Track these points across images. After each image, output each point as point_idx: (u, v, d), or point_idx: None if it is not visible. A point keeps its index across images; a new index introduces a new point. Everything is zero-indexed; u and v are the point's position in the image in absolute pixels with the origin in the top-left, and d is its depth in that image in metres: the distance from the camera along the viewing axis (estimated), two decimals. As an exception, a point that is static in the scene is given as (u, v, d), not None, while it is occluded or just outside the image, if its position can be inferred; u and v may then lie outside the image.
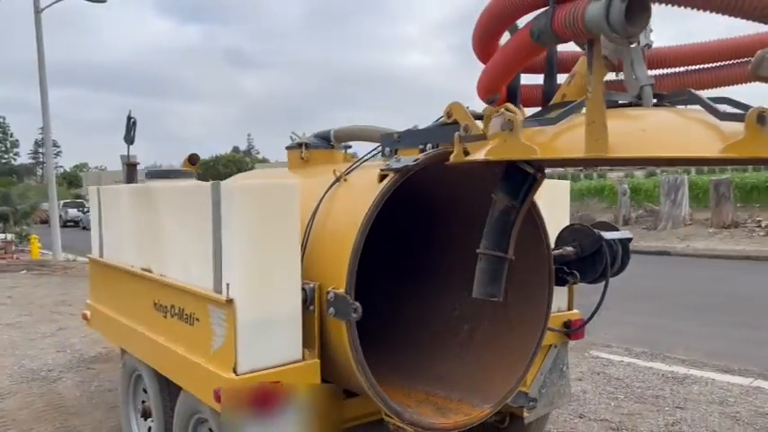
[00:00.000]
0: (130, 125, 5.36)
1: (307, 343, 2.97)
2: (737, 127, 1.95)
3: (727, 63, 2.82)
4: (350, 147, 4.50)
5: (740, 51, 2.75)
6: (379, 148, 3.61)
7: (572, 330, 3.91)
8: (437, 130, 3.22)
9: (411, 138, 3.37)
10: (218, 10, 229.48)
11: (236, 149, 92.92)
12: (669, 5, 2.27)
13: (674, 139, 2.08)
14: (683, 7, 2.28)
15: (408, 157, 3.06)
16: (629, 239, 3.70)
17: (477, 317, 3.66)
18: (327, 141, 4.19)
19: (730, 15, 2.21)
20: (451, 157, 2.72)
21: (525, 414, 3.79)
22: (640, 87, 2.41)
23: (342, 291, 2.86)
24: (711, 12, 2.24)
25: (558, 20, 2.33)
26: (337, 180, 3.34)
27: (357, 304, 2.80)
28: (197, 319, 3.06)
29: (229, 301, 2.74)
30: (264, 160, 70.55)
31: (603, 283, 3.57)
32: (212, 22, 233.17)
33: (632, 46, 2.39)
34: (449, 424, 3.21)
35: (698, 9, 2.28)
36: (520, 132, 2.20)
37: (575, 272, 3.59)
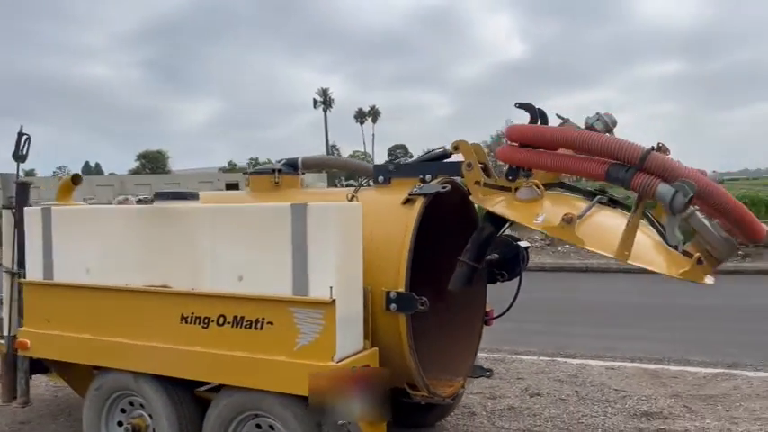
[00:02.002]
0: (22, 142, 5.08)
1: (365, 335, 3.64)
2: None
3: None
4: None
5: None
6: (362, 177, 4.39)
7: (488, 318, 5.11)
8: (436, 165, 4.17)
9: (409, 169, 4.24)
10: None
11: None
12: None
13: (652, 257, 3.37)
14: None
15: (435, 185, 3.93)
16: (529, 247, 5.07)
17: (442, 310, 4.63)
18: (295, 168, 4.74)
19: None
20: (475, 199, 3.77)
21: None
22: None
23: (403, 290, 3.62)
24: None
25: (636, 181, 3.17)
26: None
27: (425, 299, 3.59)
28: (269, 323, 3.47)
29: (333, 302, 3.30)
30: None
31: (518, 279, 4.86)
32: None
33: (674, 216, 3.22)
34: (449, 392, 4.15)
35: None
36: (575, 226, 3.30)
37: (504, 272, 4.81)
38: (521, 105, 3.83)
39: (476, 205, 4.25)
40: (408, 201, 3.91)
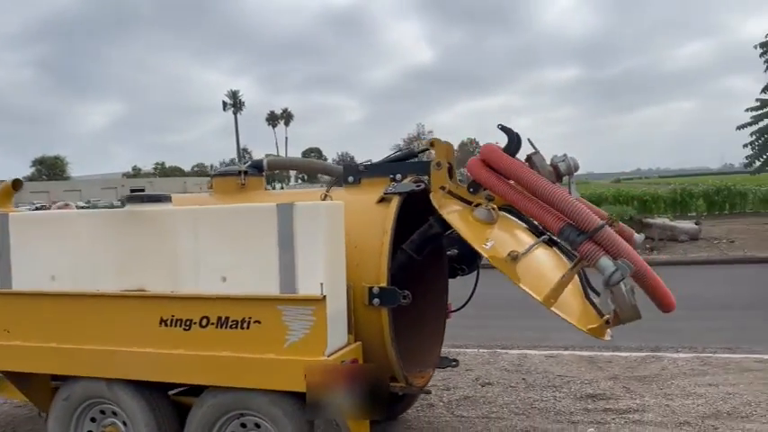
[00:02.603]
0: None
1: (349, 330, 3.74)
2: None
3: None
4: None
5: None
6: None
7: (449, 311, 5.31)
8: (405, 165, 4.33)
9: (379, 169, 4.37)
10: None
11: None
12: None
13: (572, 309, 3.66)
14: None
15: (409, 184, 4.08)
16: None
17: (411, 305, 4.77)
18: (260, 170, 4.76)
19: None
20: (434, 200, 3.95)
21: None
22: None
23: (385, 285, 3.75)
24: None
25: (584, 248, 3.48)
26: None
27: (407, 292, 3.73)
28: (257, 322, 3.51)
29: (323, 298, 3.38)
30: None
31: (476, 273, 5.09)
32: None
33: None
34: (422, 383, 4.31)
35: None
36: (520, 260, 3.59)
37: (464, 266, 5.02)
38: (503, 128, 4.03)
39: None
40: (383, 199, 4.04)
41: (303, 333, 3.43)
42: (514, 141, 3.98)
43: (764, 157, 18.79)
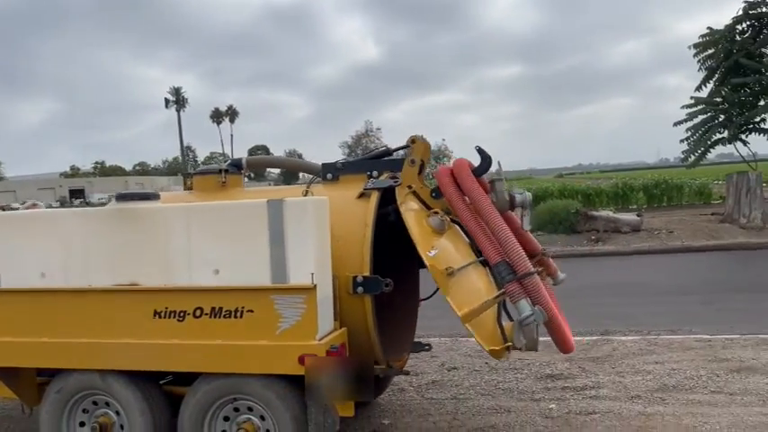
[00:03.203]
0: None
1: (335, 317, 4.00)
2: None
3: None
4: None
5: None
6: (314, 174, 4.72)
7: (419, 300, 5.62)
8: (381, 162, 4.60)
9: (356, 167, 4.63)
10: None
11: None
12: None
13: (485, 329, 3.96)
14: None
15: (387, 180, 4.36)
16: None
17: (387, 296, 5.06)
18: (239, 168, 4.95)
19: None
20: (398, 194, 4.25)
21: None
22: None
23: (368, 274, 4.02)
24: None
25: (510, 287, 3.91)
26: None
27: (389, 280, 4.01)
28: (249, 311, 3.73)
29: (314, 287, 3.63)
30: None
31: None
32: None
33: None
34: (400, 365, 4.61)
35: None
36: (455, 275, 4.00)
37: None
38: (479, 150, 4.40)
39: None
40: (363, 195, 4.31)
41: (295, 320, 3.67)
42: (486, 162, 4.37)
43: (699, 151, 19.83)
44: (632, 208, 23.69)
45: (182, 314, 3.83)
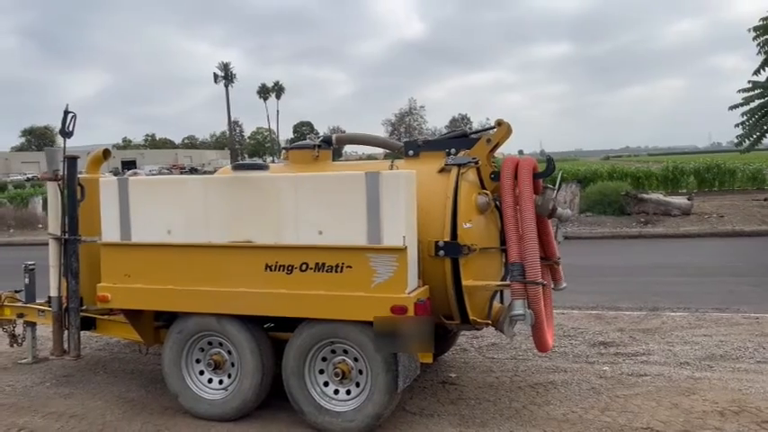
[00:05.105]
0: (68, 119, 5.57)
1: (419, 275, 4.56)
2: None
3: None
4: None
5: None
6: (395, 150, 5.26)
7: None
8: (459, 141, 5.11)
9: (436, 145, 5.15)
10: None
11: None
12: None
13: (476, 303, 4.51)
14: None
15: (466, 157, 4.87)
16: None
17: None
18: (329, 144, 5.52)
19: None
20: (483, 164, 4.80)
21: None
22: None
23: (449, 240, 4.56)
24: None
25: (514, 286, 4.53)
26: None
27: (473, 245, 4.55)
28: (348, 267, 4.32)
29: (405, 248, 4.20)
30: None
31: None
32: None
33: None
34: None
35: None
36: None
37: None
38: (548, 159, 4.98)
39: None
40: (443, 170, 4.84)
41: (388, 276, 4.25)
42: (549, 169, 4.93)
43: (754, 136, 19.68)
44: (682, 192, 23.62)
45: (290, 268, 4.46)
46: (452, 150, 5.06)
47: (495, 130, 4.96)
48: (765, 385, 5.28)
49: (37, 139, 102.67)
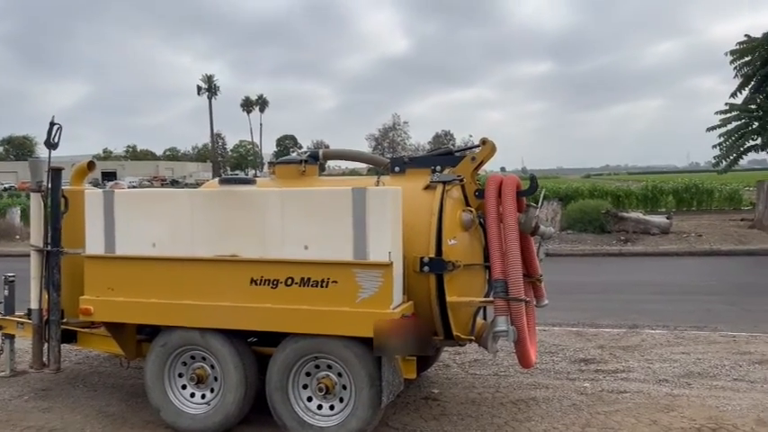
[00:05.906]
0: (54, 131, 5.56)
1: (404, 291, 4.60)
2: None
3: None
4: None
5: None
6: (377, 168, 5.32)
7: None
8: (444, 158, 5.18)
9: (422, 162, 5.21)
10: None
11: None
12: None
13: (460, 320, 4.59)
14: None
15: (451, 175, 4.94)
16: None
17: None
18: (316, 159, 5.56)
19: None
20: (468, 182, 4.86)
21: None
22: None
23: (434, 256, 4.61)
24: None
25: (497, 302, 4.61)
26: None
27: (456, 261, 4.60)
28: (334, 282, 4.35)
29: (391, 264, 4.24)
30: None
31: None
32: None
33: None
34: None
35: None
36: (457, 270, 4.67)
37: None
38: (532, 178, 5.11)
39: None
40: (429, 187, 4.90)
41: (373, 291, 4.28)
42: (532, 188, 5.07)
43: (731, 157, 20.07)
44: (661, 211, 23.97)
45: (275, 282, 4.47)
46: (438, 168, 5.12)
47: (479, 148, 5.04)
48: (742, 402, 5.36)
49: (15, 148, 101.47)
